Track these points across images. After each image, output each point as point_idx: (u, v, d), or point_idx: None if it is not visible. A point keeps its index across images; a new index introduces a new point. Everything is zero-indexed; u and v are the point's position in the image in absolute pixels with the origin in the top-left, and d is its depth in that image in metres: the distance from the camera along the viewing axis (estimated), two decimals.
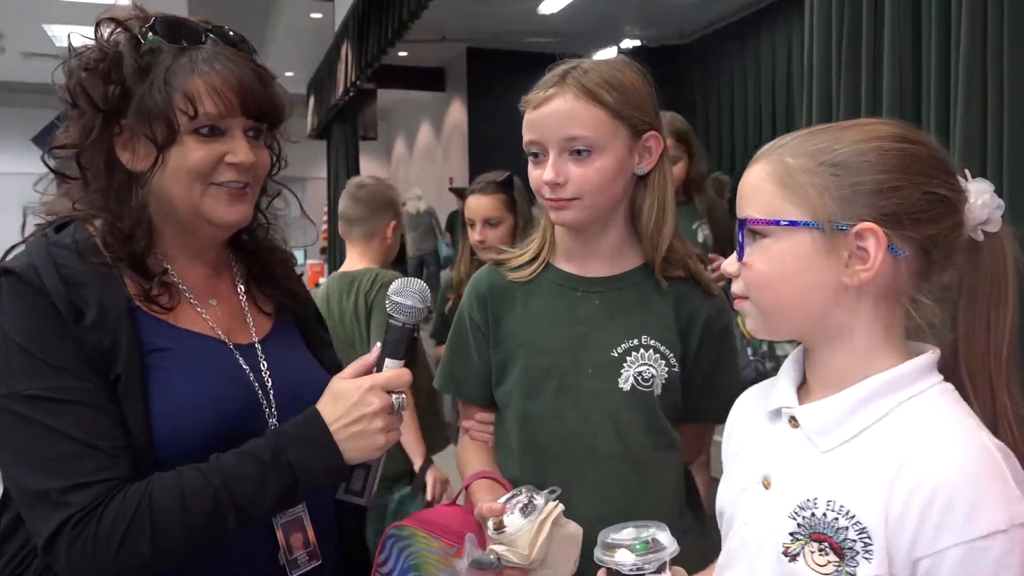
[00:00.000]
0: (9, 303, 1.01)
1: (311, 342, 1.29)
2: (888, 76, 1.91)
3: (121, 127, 1.09)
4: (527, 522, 1.15)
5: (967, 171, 0.91)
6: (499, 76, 8.26)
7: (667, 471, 1.34)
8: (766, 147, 0.92)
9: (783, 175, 0.88)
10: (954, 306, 0.90)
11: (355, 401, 1.07)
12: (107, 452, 0.98)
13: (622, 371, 1.30)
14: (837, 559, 0.83)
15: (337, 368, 1.23)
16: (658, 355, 1.31)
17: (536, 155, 1.30)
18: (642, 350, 1.31)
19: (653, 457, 1.32)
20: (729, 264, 0.92)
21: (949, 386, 0.87)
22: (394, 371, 1.12)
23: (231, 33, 1.15)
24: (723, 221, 3.04)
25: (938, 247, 0.87)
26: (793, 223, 0.86)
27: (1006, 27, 1.65)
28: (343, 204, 2.71)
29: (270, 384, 1.15)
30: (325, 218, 12.28)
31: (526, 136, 1.30)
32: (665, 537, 0.95)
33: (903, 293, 0.88)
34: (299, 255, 16.84)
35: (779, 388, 0.96)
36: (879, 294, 0.87)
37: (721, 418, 1.38)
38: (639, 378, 1.30)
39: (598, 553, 0.95)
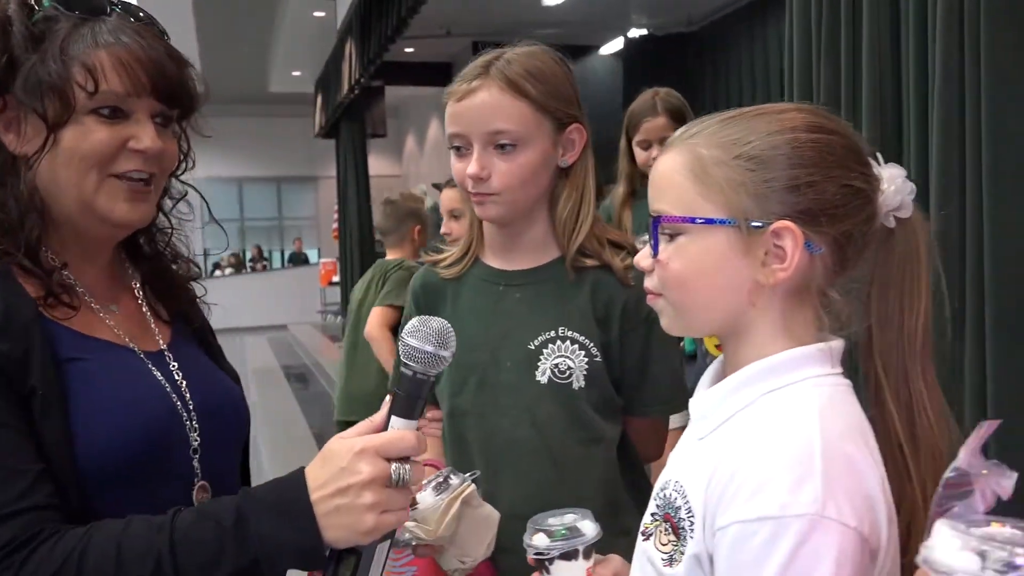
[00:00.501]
0: None
1: (207, 350, 1.18)
2: (867, 59, 1.88)
3: (5, 103, 0.96)
4: (437, 499, 1.14)
5: (879, 155, 0.87)
6: None
7: (591, 468, 1.30)
8: (678, 133, 0.89)
9: (696, 167, 0.84)
10: (866, 297, 0.87)
11: (343, 467, 0.85)
12: (29, 477, 0.86)
13: (539, 364, 1.29)
14: (675, 538, 0.83)
15: (237, 379, 1.16)
16: (576, 346, 1.29)
17: (459, 148, 1.29)
18: (559, 342, 1.29)
19: (574, 452, 1.29)
20: (642, 259, 0.89)
21: (833, 380, 0.84)
22: (395, 433, 0.88)
23: (141, 14, 1.03)
24: None
25: (853, 242, 0.84)
26: (709, 221, 0.83)
27: (982, 5, 1.61)
28: (377, 219, 3.54)
29: (188, 394, 1.04)
30: (336, 216, 12.36)
31: (449, 128, 1.28)
32: (587, 525, 0.95)
33: (815, 288, 0.85)
34: (312, 254, 17.08)
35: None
36: (791, 290, 0.85)
37: (658, 412, 1.37)
38: (555, 370, 1.28)
39: (525, 535, 0.97)
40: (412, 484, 0.88)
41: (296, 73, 12.72)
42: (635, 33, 10.09)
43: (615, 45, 10.28)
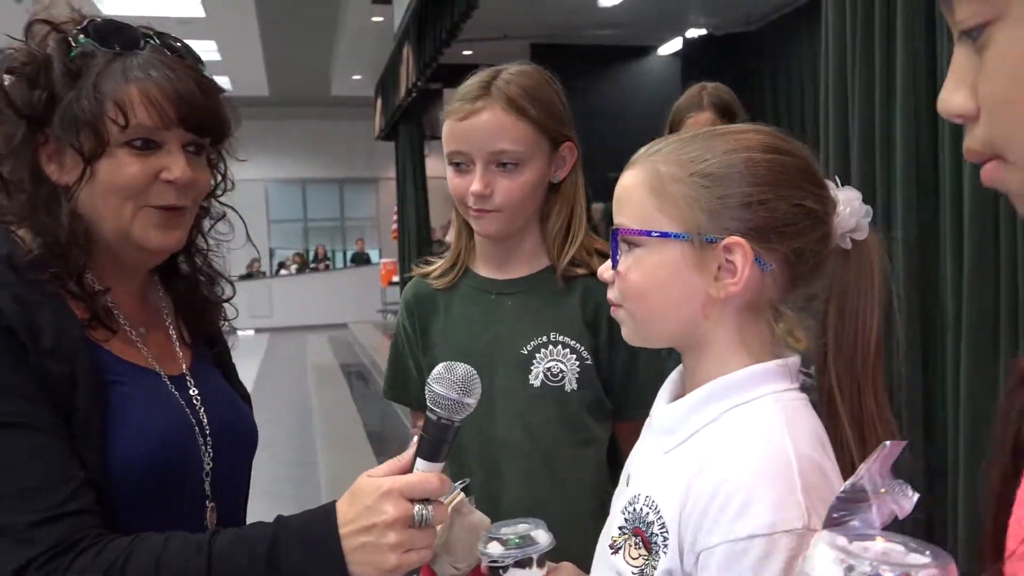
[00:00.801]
0: None
1: (225, 370, 1.22)
2: (901, 67, 1.86)
3: (47, 136, 1.01)
4: None
5: (837, 179, 0.90)
6: (563, 71, 8.07)
7: (583, 469, 1.35)
8: (641, 152, 0.92)
9: (655, 183, 0.87)
10: (823, 315, 0.89)
11: (368, 505, 0.90)
12: (76, 482, 0.91)
13: (532, 368, 1.34)
14: (646, 553, 0.85)
15: (248, 400, 1.21)
16: (567, 349, 1.34)
17: (459, 164, 1.33)
18: (551, 346, 1.34)
19: (567, 454, 1.34)
20: (604, 270, 0.92)
21: (792, 395, 0.86)
22: (420, 475, 0.92)
23: (178, 43, 1.08)
24: None
25: (804, 259, 0.86)
26: (664, 234, 0.86)
27: None
28: None
29: (205, 420, 1.08)
30: (395, 217, 12.53)
31: (450, 146, 1.33)
32: (541, 534, 0.98)
33: (767, 304, 0.88)
34: (374, 254, 17.29)
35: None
36: (743, 305, 0.87)
37: (645, 415, 1.39)
38: (548, 373, 1.33)
39: (479, 543, 0.99)
40: (435, 524, 0.92)
41: (356, 77, 12.93)
42: (693, 33, 9.97)
43: (673, 46, 10.18)
